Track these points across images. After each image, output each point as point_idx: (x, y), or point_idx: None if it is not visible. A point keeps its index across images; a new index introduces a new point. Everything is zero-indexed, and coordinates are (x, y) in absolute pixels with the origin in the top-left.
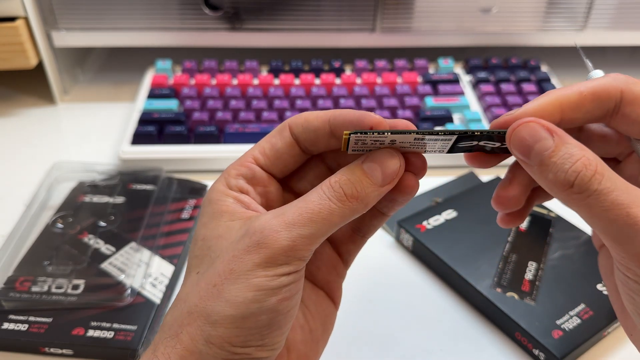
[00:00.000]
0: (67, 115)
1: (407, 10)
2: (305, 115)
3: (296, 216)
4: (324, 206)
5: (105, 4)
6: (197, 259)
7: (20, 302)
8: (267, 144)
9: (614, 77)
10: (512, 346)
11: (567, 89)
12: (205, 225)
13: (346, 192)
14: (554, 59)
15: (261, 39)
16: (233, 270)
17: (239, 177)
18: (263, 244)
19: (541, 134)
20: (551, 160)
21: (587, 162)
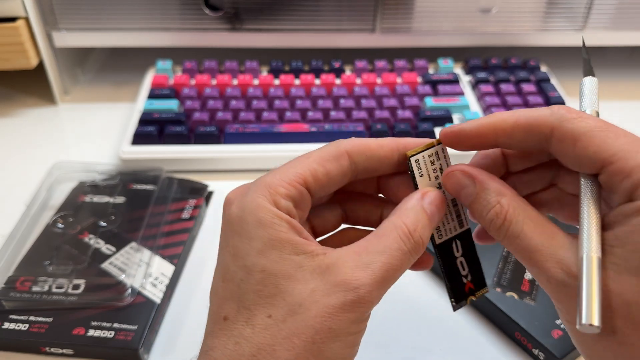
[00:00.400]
0: (68, 115)
1: (407, 11)
2: (367, 143)
3: (384, 273)
4: (404, 261)
5: (105, 4)
6: (260, 297)
7: (21, 302)
8: (321, 167)
9: (553, 112)
10: (511, 346)
11: (508, 115)
12: (263, 255)
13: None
14: (553, 59)
15: (261, 39)
16: (332, 329)
17: (288, 199)
18: (359, 303)
19: (464, 182)
20: (474, 206)
21: (499, 210)
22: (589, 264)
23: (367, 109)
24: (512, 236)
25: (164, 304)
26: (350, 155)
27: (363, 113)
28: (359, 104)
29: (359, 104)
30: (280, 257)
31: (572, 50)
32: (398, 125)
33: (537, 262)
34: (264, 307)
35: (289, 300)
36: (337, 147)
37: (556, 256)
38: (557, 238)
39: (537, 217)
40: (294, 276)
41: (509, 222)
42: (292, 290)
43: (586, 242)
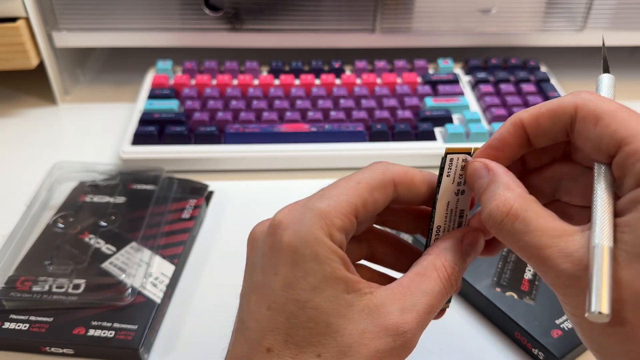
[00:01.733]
0: (68, 115)
1: (407, 11)
2: (412, 176)
3: (426, 315)
4: (442, 302)
5: (106, 4)
6: (311, 335)
7: (21, 302)
8: (371, 197)
9: (574, 94)
10: (511, 346)
11: (530, 109)
12: (317, 292)
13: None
14: (553, 60)
15: (261, 40)
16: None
17: (342, 231)
18: (407, 347)
19: (480, 172)
20: (482, 198)
21: (501, 205)
22: (599, 252)
23: (367, 109)
24: (518, 232)
25: (164, 303)
26: (397, 185)
27: (363, 113)
28: (359, 104)
29: (359, 104)
30: (333, 296)
31: (572, 50)
32: (398, 126)
33: (547, 258)
34: (313, 346)
35: (339, 341)
36: (384, 174)
37: (566, 251)
38: (566, 232)
39: (544, 213)
40: (345, 316)
41: (512, 217)
42: (342, 331)
43: (598, 231)
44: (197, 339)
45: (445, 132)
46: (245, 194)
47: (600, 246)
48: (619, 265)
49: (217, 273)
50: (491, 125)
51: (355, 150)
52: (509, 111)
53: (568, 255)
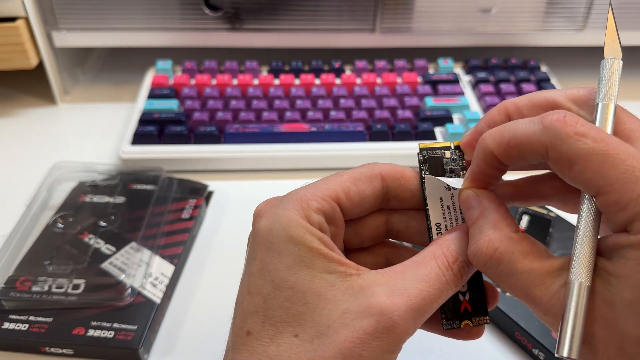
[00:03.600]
0: (68, 115)
1: (407, 11)
2: (403, 171)
3: (420, 302)
4: (443, 291)
5: (105, 4)
6: (288, 315)
7: (21, 302)
8: (354, 187)
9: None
10: (511, 346)
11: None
12: (293, 271)
13: (462, 276)
14: (553, 59)
15: (261, 39)
16: (362, 356)
17: (320, 213)
18: (393, 332)
19: (471, 202)
20: (470, 230)
21: (485, 246)
22: (575, 290)
23: (367, 109)
24: (504, 275)
25: (164, 303)
26: (384, 179)
27: (363, 113)
28: (359, 104)
29: (359, 104)
30: (310, 275)
31: (573, 50)
32: (398, 125)
33: (535, 297)
34: (291, 326)
35: (317, 321)
36: (372, 168)
37: (552, 288)
38: (552, 269)
39: (530, 250)
40: (325, 295)
41: (497, 261)
42: (321, 311)
43: (576, 268)
44: (197, 339)
45: (445, 132)
46: (245, 194)
47: (577, 284)
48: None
49: (217, 273)
50: None
51: (355, 150)
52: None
53: (554, 293)
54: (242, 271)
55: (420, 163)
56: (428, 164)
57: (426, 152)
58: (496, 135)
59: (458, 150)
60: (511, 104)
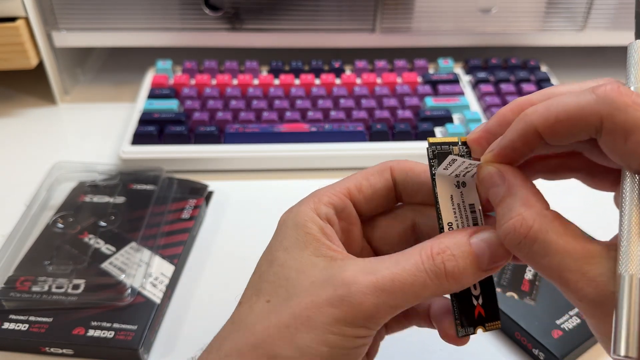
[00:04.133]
0: (68, 115)
1: (407, 11)
2: (412, 165)
3: (387, 282)
4: (418, 279)
5: (105, 4)
6: (270, 285)
7: (21, 302)
8: (365, 181)
9: (598, 94)
10: (512, 346)
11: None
12: (286, 251)
13: (447, 270)
14: (553, 59)
15: (261, 39)
16: (310, 318)
17: (330, 206)
18: (347, 301)
19: (494, 180)
20: (498, 209)
21: (518, 225)
22: (627, 284)
23: (367, 109)
24: (538, 255)
25: (164, 304)
26: (393, 171)
27: (363, 113)
28: (359, 104)
29: (359, 104)
30: (300, 256)
31: (573, 50)
32: (398, 125)
33: (569, 281)
34: (268, 295)
35: (289, 290)
36: (383, 164)
37: (588, 275)
38: (589, 254)
39: (565, 231)
40: (305, 272)
41: (532, 240)
42: (295, 282)
43: (626, 259)
44: (197, 339)
45: (445, 132)
46: (245, 194)
47: (629, 277)
48: None
49: (217, 273)
50: None
51: (355, 150)
52: None
53: (591, 280)
54: None
55: (430, 158)
56: (437, 159)
57: (435, 147)
58: (542, 110)
59: (465, 146)
60: (526, 101)
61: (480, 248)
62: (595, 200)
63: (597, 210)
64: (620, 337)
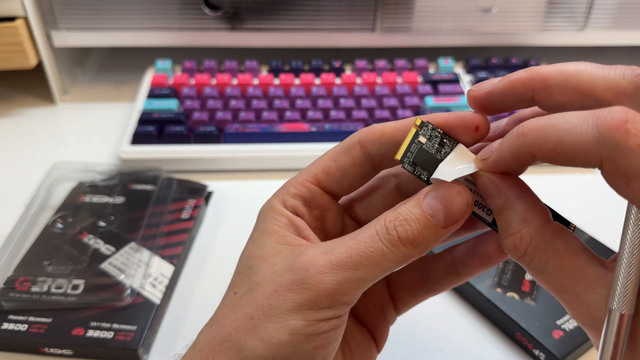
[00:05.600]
0: (67, 115)
1: (407, 10)
2: (380, 128)
3: (345, 257)
4: (375, 249)
5: (105, 4)
6: (237, 277)
7: (20, 302)
8: (333, 163)
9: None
10: (512, 346)
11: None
12: (253, 242)
13: (400, 235)
14: (554, 59)
15: (261, 39)
16: (272, 306)
17: (297, 198)
18: (306, 283)
19: (490, 191)
20: (496, 217)
21: (518, 242)
22: (616, 321)
23: (367, 109)
24: (535, 271)
25: (164, 304)
26: (363, 145)
27: (363, 113)
28: (359, 104)
29: (359, 104)
30: (263, 244)
31: (573, 49)
32: None
33: (564, 299)
34: (234, 286)
35: (252, 279)
36: (351, 138)
37: (583, 299)
38: (586, 277)
39: (565, 248)
40: (267, 260)
41: (529, 258)
42: (258, 271)
43: (620, 295)
44: None
45: None
46: (245, 194)
47: (618, 315)
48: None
49: (217, 273)
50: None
51: None
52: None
53: (585, 304)
54: None
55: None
56: (419, 166)
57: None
58: (539, 134)
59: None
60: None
61: (433, 207)
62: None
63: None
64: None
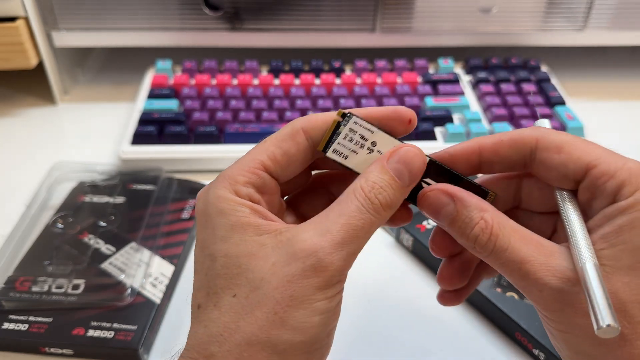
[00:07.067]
0: (68, 115)
1: (407, 10)
2: (323, 116)
3: (343, 234)
4: (366, 220)
5: (105, 4)
6: (224, 280)
7: (21, 302)
8: (278, 149)
9: (533, 128)
10: (512, 346)
11: (490, 136)
12: (225, 240)
13: (382, 202)
14: (554, 59)
15: (261, 39)
16: (293, 296)
17: (249, 186)
18: (320, 267)
19: (443, 200)
20: (455, 224)
21: (484, 225)
22: (592, 271)
23: None
24: (499, 250)
25: (164, 304)
26: (306, 132)
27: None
28: (359, 104)
29: (359, 104)
30: (242, 240)
31: (572, 50)
32: None
33: (529, 272)
34: (229, 289)
35: (250, 277)
36: (292, 126)
37: (548, 264)
38: (545, 247)
39: (521, 229)
40: (256, 254)
41: (495, 237)
42: (253, 267)
43: (584, 251)
44: None
45: (445, 132)
46: None
47: (591, 265)
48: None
49: None
50: (492, 125)
51: None
52: (510, 111)
53: (551, 269)
54: None
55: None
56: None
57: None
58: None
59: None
60: None
61: (398, 170)
62: None
63: None
64: (598, 312)
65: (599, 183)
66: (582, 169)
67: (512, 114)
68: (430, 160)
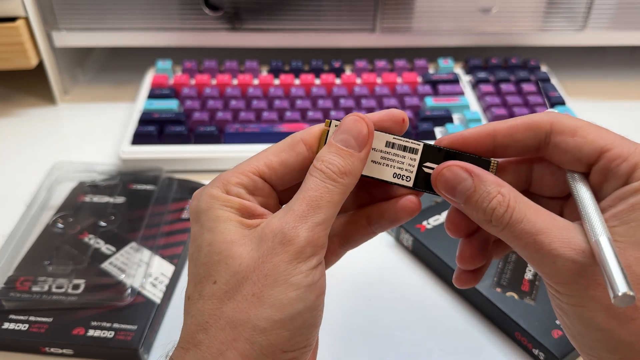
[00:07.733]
0: (68, 115)
1: (407, 10)
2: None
3: (304, 207)
4: (324, 189)
5: (105, 4)
6: (208, 267)
7: (21, 302)
8: (276, 157)
9: (546, 112)
10: (512, 346)
11: (504, 121)
12: (211, 230)
13: (334, 170)
14: (553, 59)
15: (261, 39)
16: (268, 275)
17: (240, 187)
18: (286, 241)
19: (461, 175)
20: (472, 199)
21: (501, 199)
22: (607, 244)
23: (367, 109)
24: (515, 222)
25: (164, 304)
26: (306, 142)
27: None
28: (359, 104)
29: (359, 104)
30: (226, 229)
31: (572, 50)
32: None
33: (543, 243)
34: (210, 276)
35: (230, 263)
36: (293, 137)
37: (562, 236)
38: (559, 221)
39: (535, 205)
40: (237, 241)
41: (512, 209)
42: (233, 254)
43: (596, 226)
44: None
45: (445, 132)
46: None
47: (605, 238)
48: None
49: None
50: None
51: None
52: (510, 111)
53: (566, 241)
54: None
55: None
56: None
57: None
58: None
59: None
60: None
61: (343, 139)
62: None
63: None
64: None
65: (613, 166)
66: (596, 152)
67: (512, 114)
68: (425, 145)
